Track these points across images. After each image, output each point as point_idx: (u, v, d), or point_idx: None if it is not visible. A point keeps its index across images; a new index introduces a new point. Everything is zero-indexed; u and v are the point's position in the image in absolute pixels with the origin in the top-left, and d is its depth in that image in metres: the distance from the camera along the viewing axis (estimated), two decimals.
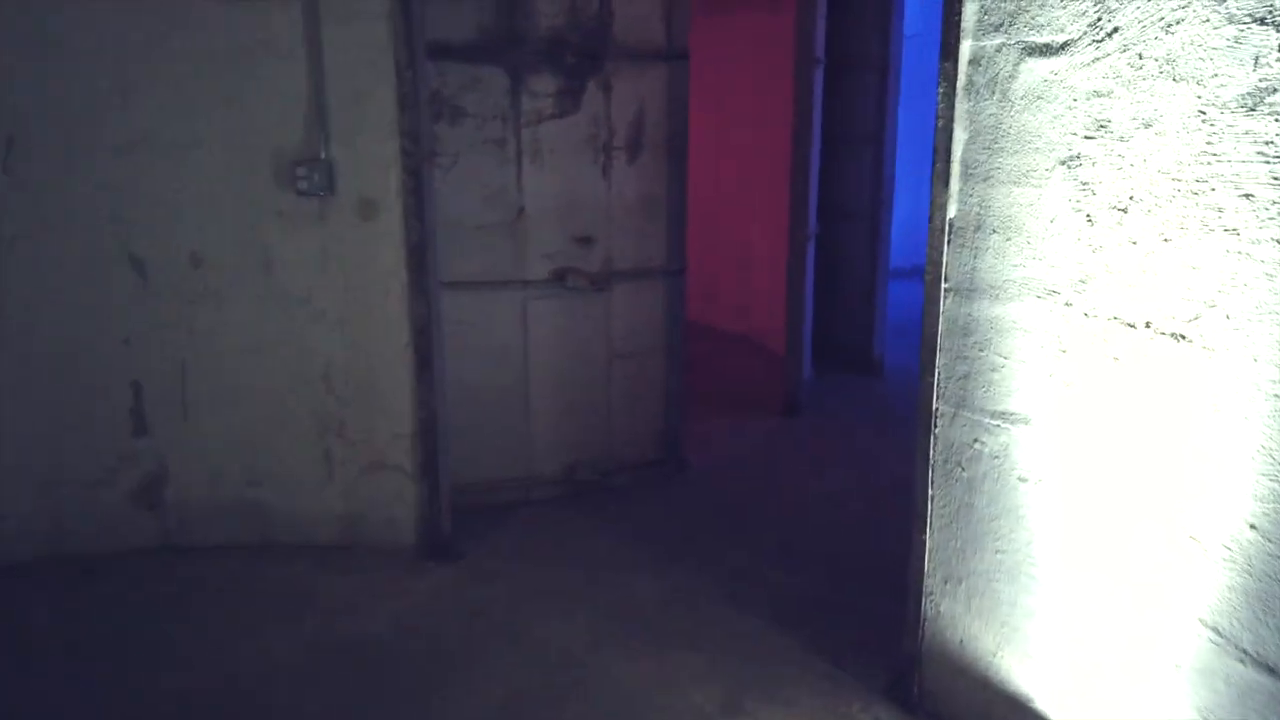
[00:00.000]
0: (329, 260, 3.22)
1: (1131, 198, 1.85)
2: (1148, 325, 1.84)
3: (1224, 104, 1.65)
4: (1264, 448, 1.64)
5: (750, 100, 6.02)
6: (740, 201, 6.38)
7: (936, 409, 2.36)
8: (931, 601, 2.45)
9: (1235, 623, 1.72)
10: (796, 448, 4.61)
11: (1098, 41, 1.89)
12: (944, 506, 2.39)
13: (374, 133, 3.14)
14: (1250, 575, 1.69)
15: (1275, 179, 1.59)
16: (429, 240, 3.26)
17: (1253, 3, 1.59)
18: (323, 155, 3.14)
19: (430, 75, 3.44)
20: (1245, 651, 1.71)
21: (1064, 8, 1.95)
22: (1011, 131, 2.08)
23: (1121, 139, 1.85)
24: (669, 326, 4.06)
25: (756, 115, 6.04)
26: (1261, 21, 1.58)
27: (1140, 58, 1.80)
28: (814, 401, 5.18)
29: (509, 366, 3.82)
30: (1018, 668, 2.23)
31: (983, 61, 2.12)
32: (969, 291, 2.23)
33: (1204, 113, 1.69)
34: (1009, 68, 2.07)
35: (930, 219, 2.31)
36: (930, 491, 2.41)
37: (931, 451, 2.39)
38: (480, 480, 3.83)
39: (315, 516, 3.47)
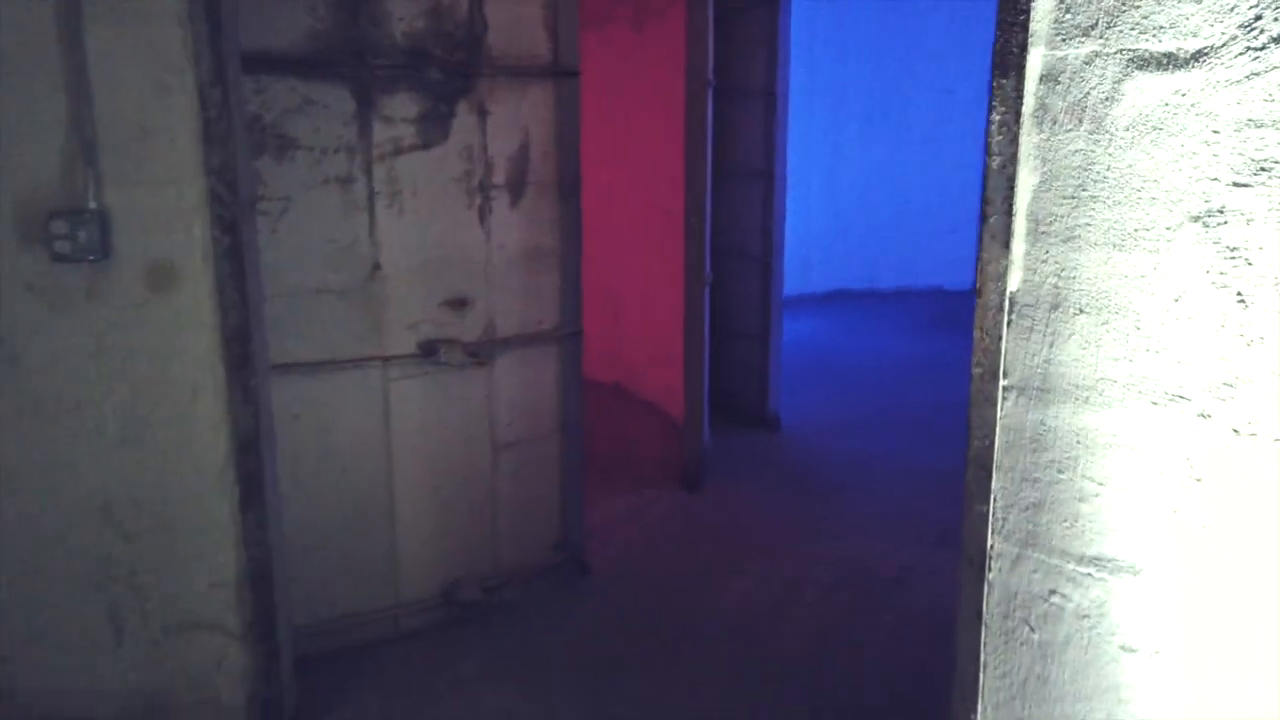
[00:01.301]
0: (107, 352, 2.29)
1: None
2: None
3: None
4: None
5: (622, 129, 5.38)
6: (608, 236, 5.72)
7: (992, 547, 1.74)
8: None
9: None
10: (708, 535, 3.94)
11: (1256, 49, 1.33)
12: (1003, 678, 1.77)
13: (168, 172, 2.24)
14: None
15: None
16: (253, 317, 2.39)
17: None
18: (91, 204, 2.21)
19: (248, 94, 2.58)
20: None
21: (1198, 2, 1.38)
22: (1111, 175, 1.50)
23: None
24: (565, 402, 3.32)
25: (632, 145, 5.41)
26: None
27: None
28: (711, 466, 4.55)
29: (366, 469, 2.96)
30: None
31: (1063, 78, 1.53)
32: (1042, 393, 1.63)
33: None
34: (1107, 87, 1.48)
35: (979, 292, 1.70)
36: (983, 658, 1.79)
37: (985, 604, 1.77)
38: (333, 617, 2.95)
39: (96, 695, 2.49)
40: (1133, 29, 1.44)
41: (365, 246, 2.83)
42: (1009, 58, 1.59)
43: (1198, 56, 1.38)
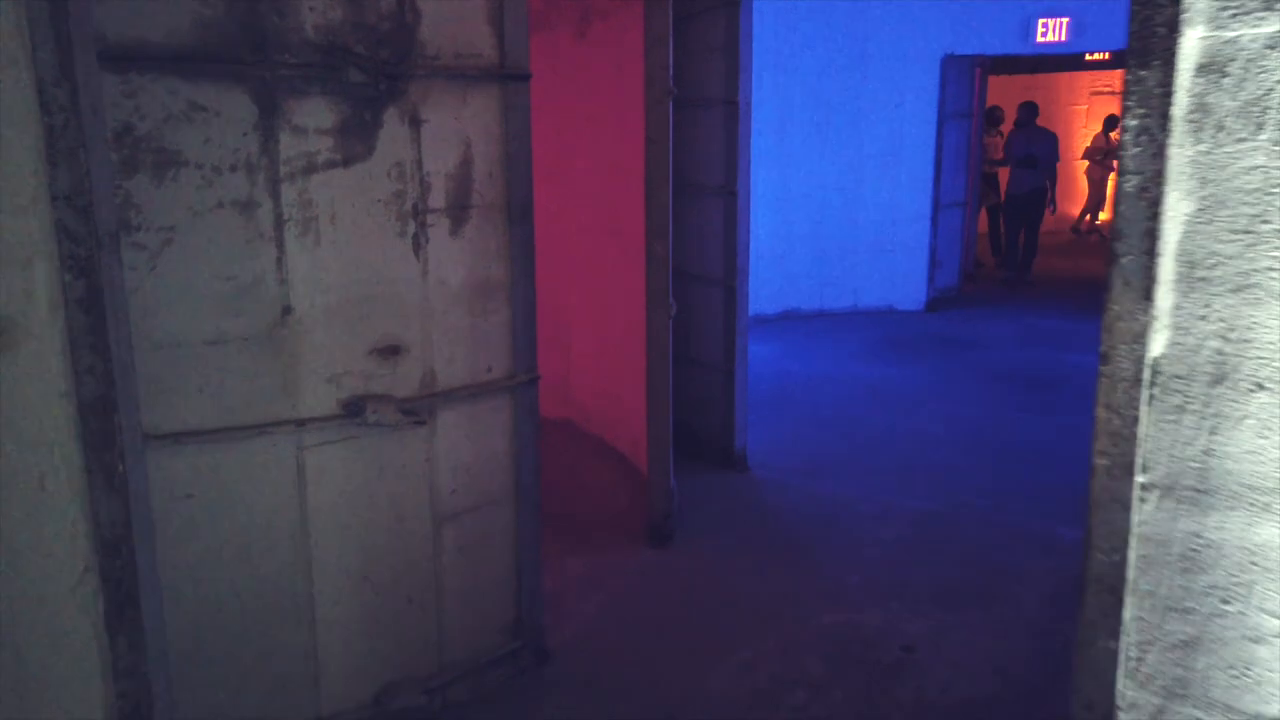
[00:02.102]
0: None
1: None
2: None
3: None
4: None
5: (563, 143, 4.91)
6: (553, 260, 5.23)
7: (1122, 695, 1.31)
8: None
9: None
10: (683, 606, 3.47)
11: None
12: None
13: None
14: None
15: None
16: (120, 381, 1.85)
17: None
18: None
19: (115, 98, 2.04)
20: None
21: None
22: None
23: None
24: (520, 462, 2.82)
25: (577, 160, 4.94)
26: None
27: None
28: (677, 517, 4.09)
29: (277, 556, 2.42)
30: None
31: (1233, 68, 1.11)
32: (1199, 495, 1.21)
33: None
34: None
35: (1104, 357, 1.27)
36: None
37: None
38: None
39: None
40: None
41: (272, 285, 2.30)
42: (1151, 41, 1.17)
43: None
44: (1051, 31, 8.25)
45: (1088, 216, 14.22)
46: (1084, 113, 15.79)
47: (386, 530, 2.57)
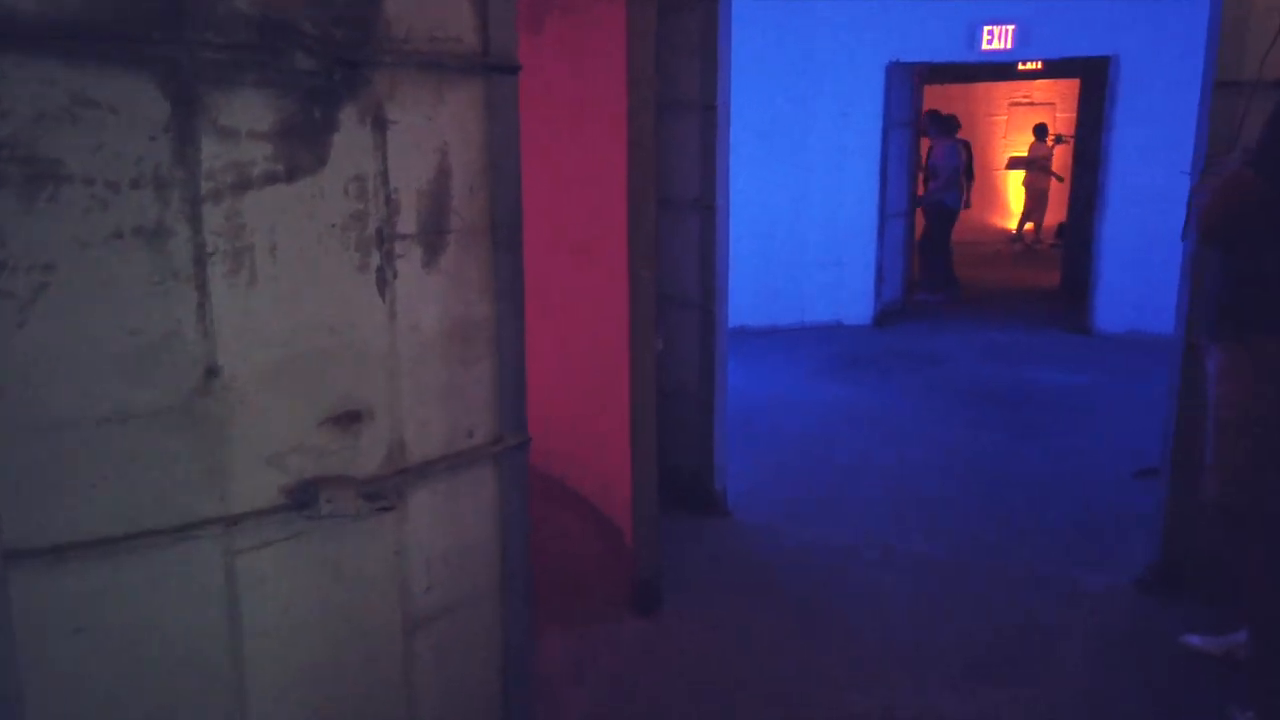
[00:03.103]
0: None
1: None
2: None
3: None
4: None
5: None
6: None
7: None
8: None
9: None
10: (683, 694, 2.96)
11: None
12: None
13: None
14: None
15: None
16: None
17: None
18: None
19: None
20: None
21: None
22: None
23: None
24: (509, 545, 2.28)
25: (529, 168, 4.39)
26: None
27: None
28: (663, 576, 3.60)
29: (200, 697, 1.83)
30: None
31: None
32: None
33: None
34: None
35: None
36: None
37: None
38: None
39: None
40: None
41: (192, 339, 1.72)
42: None
43: None
44: (997, 39, 8.08)
45: (1029, 225, 14.28)
46: (1004, 123, 15.96)
47: (345, 650, 2.00)
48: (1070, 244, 10.41)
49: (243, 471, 1.80)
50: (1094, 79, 9.93)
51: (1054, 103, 15.41)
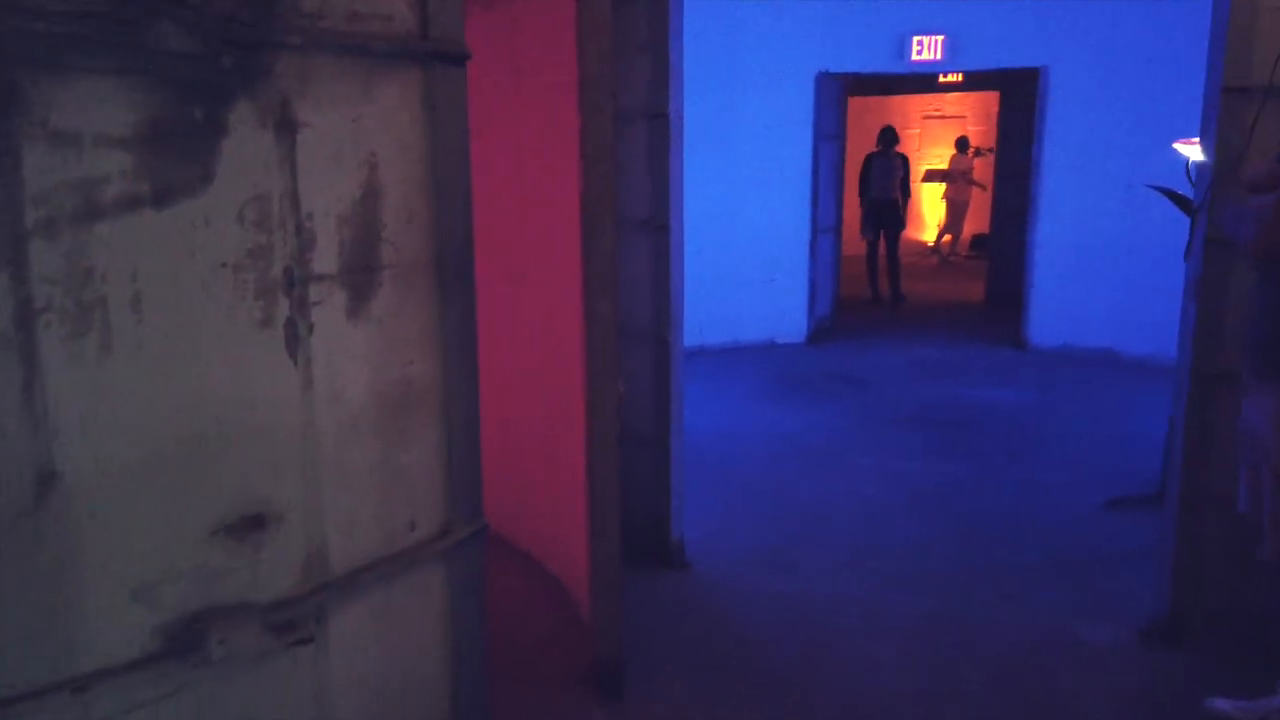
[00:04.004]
0: None
1: None
2: None
3: None
4: None
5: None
6: None
7: None
8: None
9: None
10: None
11: None
12: None
13: None
14: None
15: None
16: None
17: None
18: None
19: None
20: None
21: None
22: None
23: None
24: (460, 663, 1.79)
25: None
26: None
27: None
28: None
29: None
30: None
31: None
32: None
33: None
34: None
35: None
36: None
37: None
38: None
39: None
40: None
41: (15, 434, 1.20)
42: None
43: None
44: (927, 49, 7.92)
45: (947, 237, 14.30)
46: (918, 137, 16.07)
47: None
48: (994, 256, 10.38)
49: (98, 612, 1.28)
50: (1014, 91, 9.93)
51: (965, 115, 15.60)
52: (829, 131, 8.46)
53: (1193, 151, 4.20)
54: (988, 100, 14.43)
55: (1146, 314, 7.47)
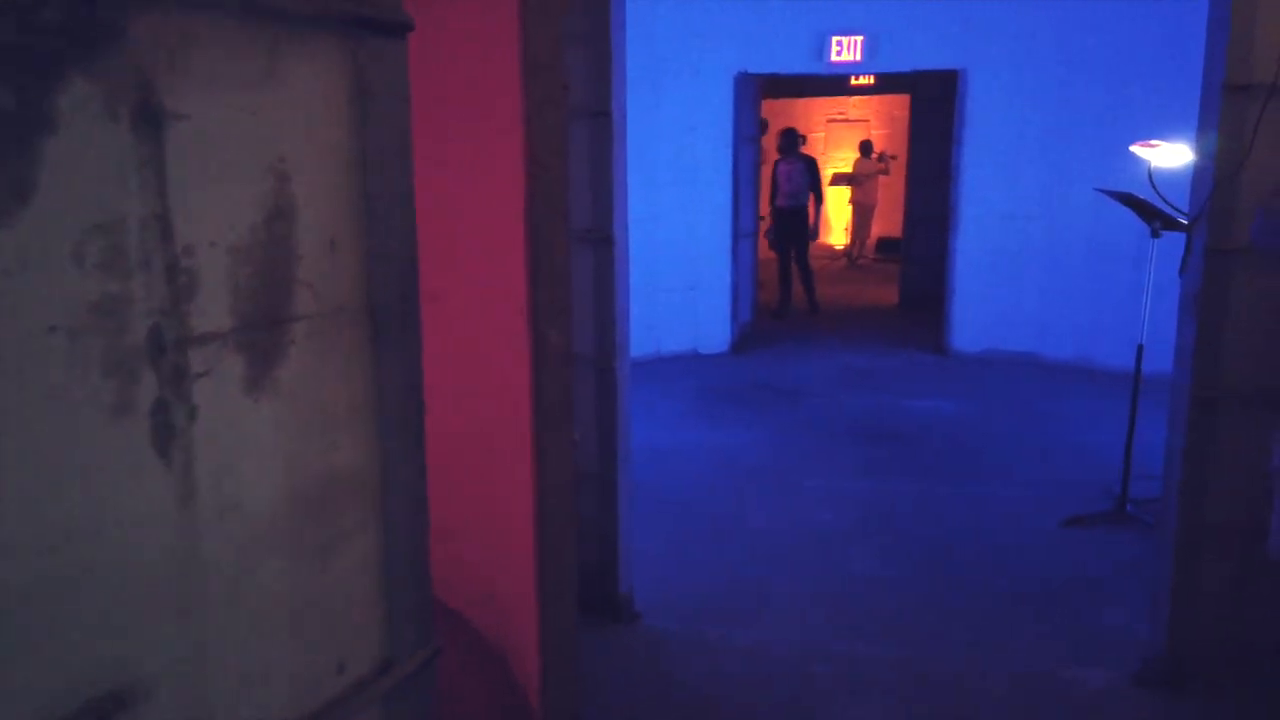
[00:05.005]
0: None
1: None
2: None
3: None
4: None
5: None
6: None
7: None
8: None
9: None
10: None
11: None
12: None
13: None
14: None
15: None
16: None
17: None
18: None
19: None
20: None
21: None
22: None
23: None
24: None
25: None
26: None
27: None
28: None
29: None
30: None
31: None
32: None
33: None
34: None
35: None
36: None
37: None
38: None
39: None
40: None
41: None
42: None
43: None
44: (846, 50, 7.73)
45: (857, 243, 14.23)
46: (822, 140, 16.07)
47: None
48: (908, 260, 10.33)
49: None
50: (925, 94, 9.89)
51: (869, 119, 15.67)
52: (748, 134, 8.20)
53: (1153, 155, 4.03)
54: (891, 104, 14.51)
55: (1068, 317, 7.44)
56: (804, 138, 10.90)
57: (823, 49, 7.74)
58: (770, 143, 10.36)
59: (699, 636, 3.33)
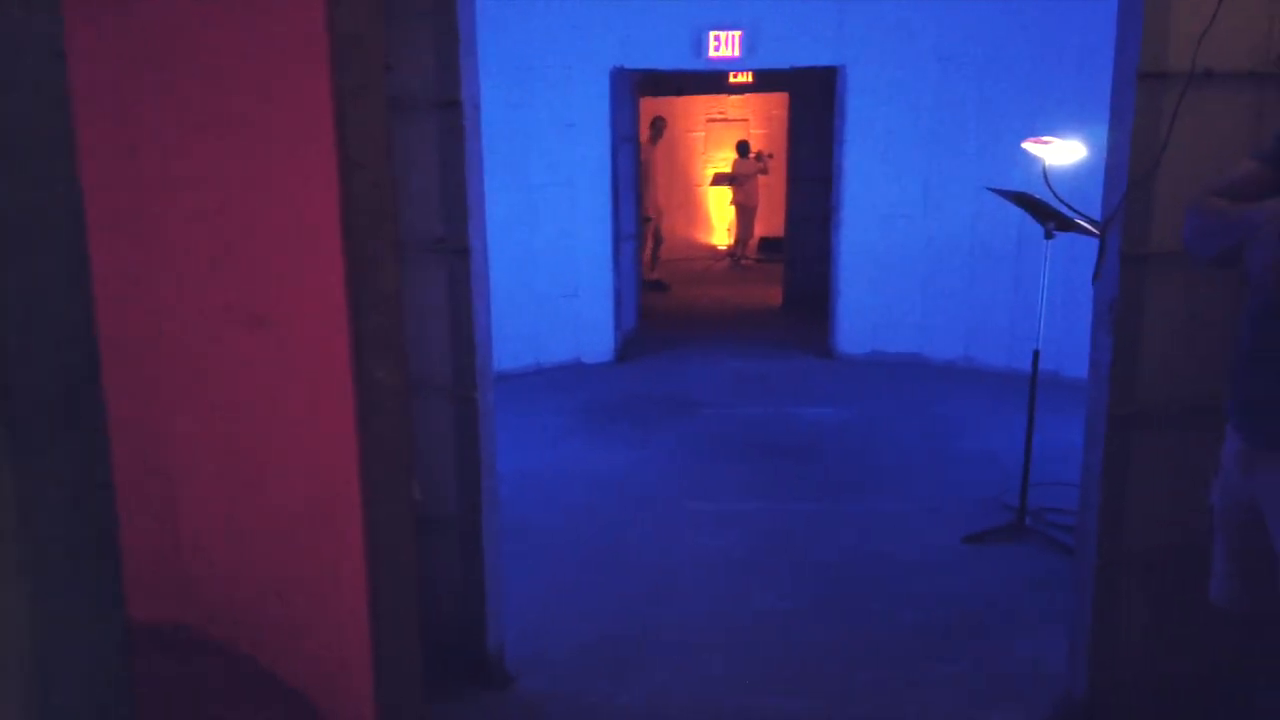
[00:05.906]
0: None
1: None
2: None
3: None
4: None
5: (160, 165, 2.80)
6: (143, 363, 3.06)
7: None
8: None
9: None
10: None
11: None
12: None
13: None
14: None
15: None
16: None
17: None
18: None
19: None
20: None
21: None
22: None
23: None
24: None
25: (155, 199, 2.85)
26: None
27: None
28: None
29: None
30: None
31: None
32: None
33: None
34: None
35: None
36: None
37: None
38: None
39: None
40: None
41: None
42: None
43: None
44: (724, 45, 7.46)
45: (740, 243, 14.06)
46: (702, 139, 15.90)
47: None
48: (790, 260, 10.20)
49: None
50: (803, 92, 9.77)
51: (748, 119, 15.58)
52: (626, 133, 7.85)
53: (1046, 152, 3.85)
54: (770, 103, 14.45)
55: (951, 318, 7.38)
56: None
57: (701, 44, 7.46)
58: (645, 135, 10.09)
59: (582, 699, 2.93)
